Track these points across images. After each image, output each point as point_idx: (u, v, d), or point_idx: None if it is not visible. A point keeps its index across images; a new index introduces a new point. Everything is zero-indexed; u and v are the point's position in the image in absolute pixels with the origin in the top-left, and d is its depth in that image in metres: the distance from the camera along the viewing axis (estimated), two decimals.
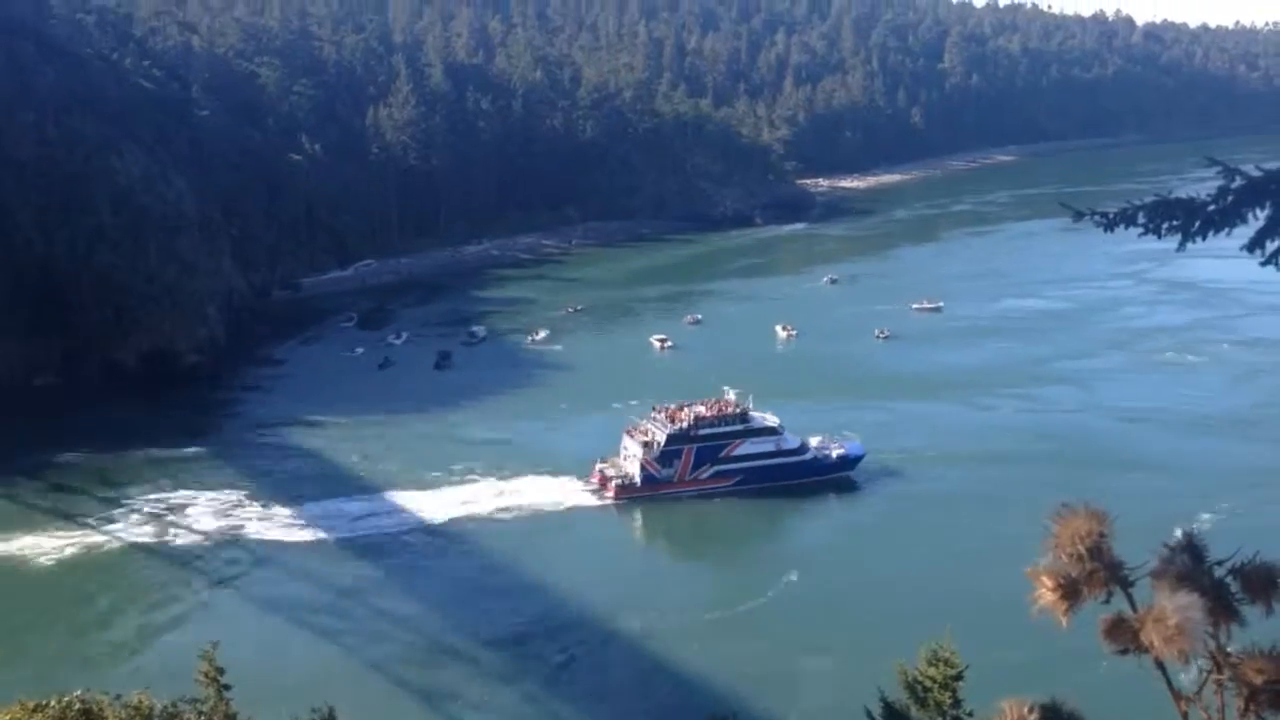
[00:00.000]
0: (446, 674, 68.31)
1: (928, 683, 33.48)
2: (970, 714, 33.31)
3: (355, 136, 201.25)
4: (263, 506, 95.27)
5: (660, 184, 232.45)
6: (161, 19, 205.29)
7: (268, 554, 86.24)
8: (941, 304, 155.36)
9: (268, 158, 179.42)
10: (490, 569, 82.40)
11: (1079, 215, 13.68)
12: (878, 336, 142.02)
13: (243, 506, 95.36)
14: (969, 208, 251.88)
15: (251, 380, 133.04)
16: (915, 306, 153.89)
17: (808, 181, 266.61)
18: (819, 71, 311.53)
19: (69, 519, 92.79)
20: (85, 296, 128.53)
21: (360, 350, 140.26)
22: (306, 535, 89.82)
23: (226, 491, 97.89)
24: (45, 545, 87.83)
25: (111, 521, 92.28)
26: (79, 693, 25.49)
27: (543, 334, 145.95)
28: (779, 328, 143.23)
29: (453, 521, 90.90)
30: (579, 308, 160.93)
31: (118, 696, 25.77)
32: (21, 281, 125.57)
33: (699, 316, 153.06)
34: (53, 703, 24.01)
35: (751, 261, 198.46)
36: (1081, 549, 5.49)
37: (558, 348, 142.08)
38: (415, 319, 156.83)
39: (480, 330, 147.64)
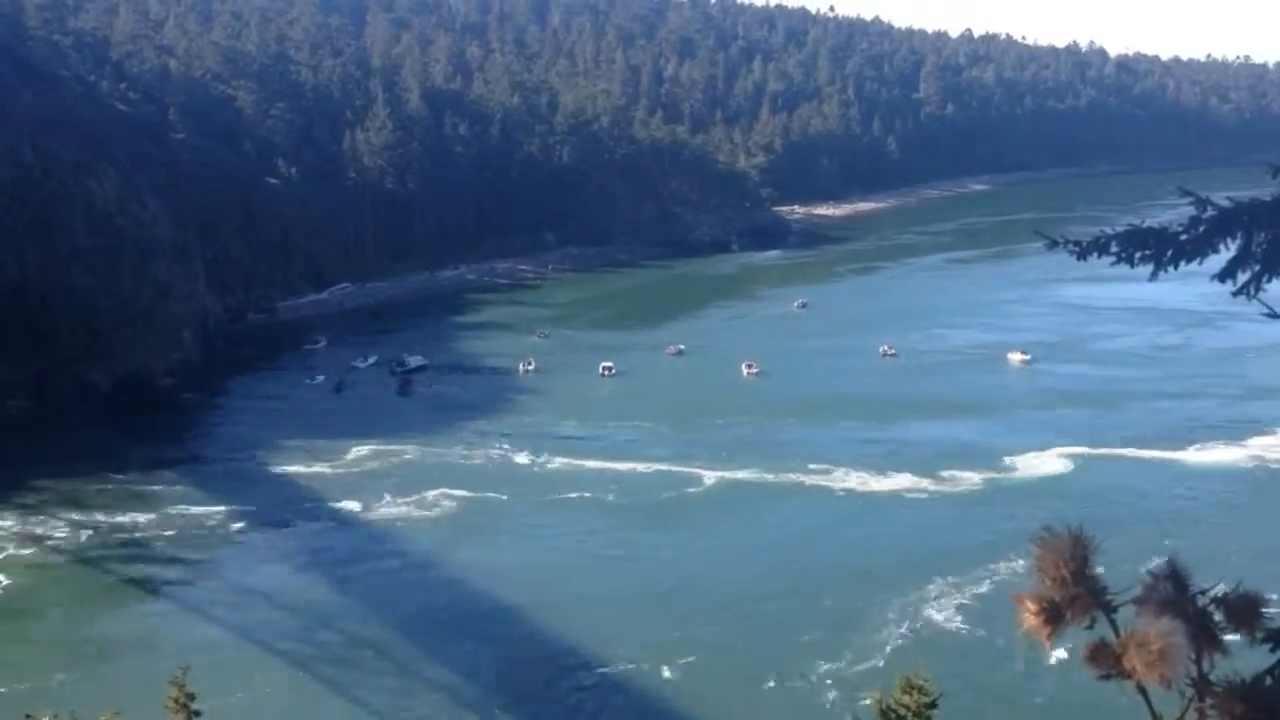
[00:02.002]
0: (419, 701, 67.80)
1: (902, 710, 33.45)
2: None
3: (332, 161, 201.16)
4: (233, 528, 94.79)
5: (637, 210, 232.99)
6: (139, 42, 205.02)
7: (238, 577, 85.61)
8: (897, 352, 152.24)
9: (244, 181, 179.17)
10: (463, 595, 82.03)
11: (1053, 244, 13.78)
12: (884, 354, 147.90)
13: (214, 529, 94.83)
14: (943, 236, 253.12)
15: (225, 403, 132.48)
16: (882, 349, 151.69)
17: (784, 209, 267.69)
18: (795, 99, 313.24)
19: (37, 541, 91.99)
20: (59, 319, 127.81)
21: (321, 377, 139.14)
22: (275, 558, 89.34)
23: (198, 514, 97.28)
24: (11, 567, 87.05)
25: (80, 544, 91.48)
26: (47, 716, 25.22)
27: (533, 363, 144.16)
28: (743, 365, 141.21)
29: (417, 543, 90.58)
30: (547, 334, 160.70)
31: None
32: (1, 306, 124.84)
33: (681, 346, 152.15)
34: None
35: (727, 288, 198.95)
36: (1065, 573, 5.49)
37: (519, 372, 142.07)
38: (384, 343, 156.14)
39: (414, 359, 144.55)
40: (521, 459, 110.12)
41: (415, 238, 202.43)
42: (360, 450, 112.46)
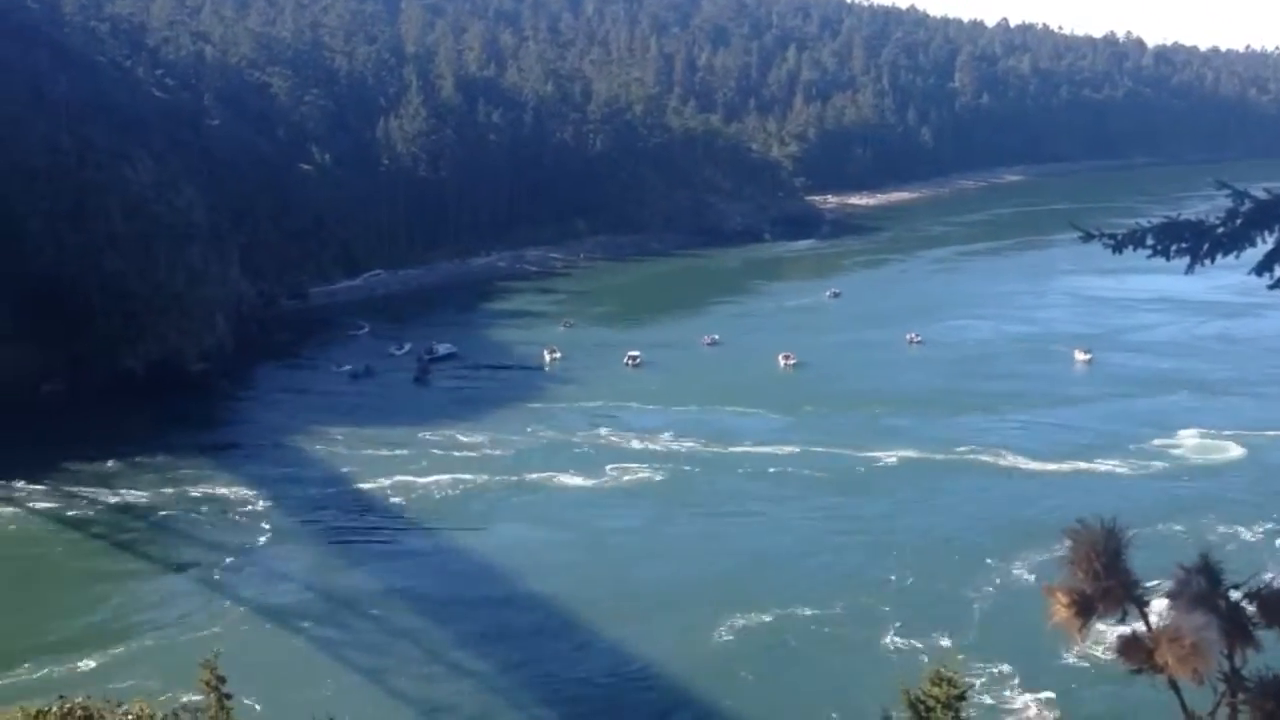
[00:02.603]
0: (446, 685, 68.10)
1: (930, 702, 33.32)
2: None
3: (365, 147, 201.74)
4: (263, 512, 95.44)
5: (669, 199, 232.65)
6: (175, 28, 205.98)
7: (268, 560, 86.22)
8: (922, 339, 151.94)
9: (278, 167, 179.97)
10: (490, 577, 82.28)
11: (1088, 236, 13.65)
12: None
13: (244, 512, 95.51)
14: (977, 227, 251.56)
15: (256, 388, 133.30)
16: (909, 337, 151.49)
17: (817, 198, 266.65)
18: (829, 88, 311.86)
19: (70, 522, 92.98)
20: (94, 304, 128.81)
21: (348, 366, 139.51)
22: (304, 541, 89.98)
23: (229, 497, 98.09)
24: (49, 550, 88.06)
25: (113, 525, 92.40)
26: (80, 699, 25.41)
27: (557, 352, 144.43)
28: (780, 356, 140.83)
29: (443, 527, 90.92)
30: (572, 323, 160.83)
31: (119, 704, 25.69)
32: (31, 288, 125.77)
33: (716, 336, 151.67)
34: (54, 709, 23.91)
35: (760, 277, 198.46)
36: (1097, 565, 5.44)
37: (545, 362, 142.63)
38: (416, 330, 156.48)
39: (443, 347, 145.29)
40: (542, 444, 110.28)
41: (447, 225, 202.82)
42: (388, 436, 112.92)
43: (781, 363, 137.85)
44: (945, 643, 67.87)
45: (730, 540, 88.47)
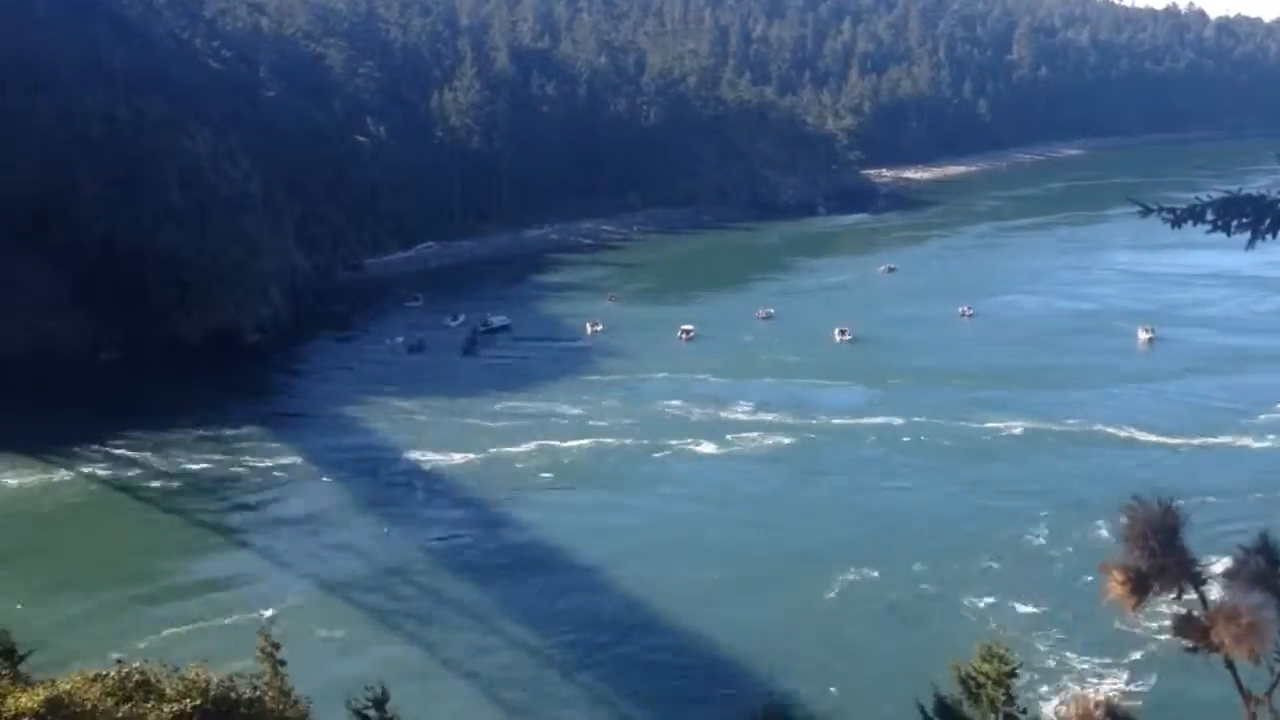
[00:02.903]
0: (496, 656, 68.52)
1: (981, 679, 33.19)
2: (1024, 711, 32.99)
3: (420, 119, 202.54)
4: (316, 481, 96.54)
5: (723, 172, 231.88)
6: (231, 0, 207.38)
7: (320, 528, 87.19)
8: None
9: (333, 139, 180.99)
10: (548, 547, 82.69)
11: (1147, 211, 13.46)
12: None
13: (297, 480, 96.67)
14: (1032, 202, 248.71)
15: (311, 360, 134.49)
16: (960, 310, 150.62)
17: (871, 172, 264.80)
18: (885, 61, 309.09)
19: (126, 489, 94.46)
20: (151, 274, 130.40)
21: (400, 338, 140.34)
22: (357, 509, 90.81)
23: (282, 466, 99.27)
24: (105, 517, 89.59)
25: (172, 496, 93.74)
26: (137, 664, 25.80)
27: (600, 324, 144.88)
28: (836, 330, 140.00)
29: (497, 494, 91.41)
30: (618, 296, 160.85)
31: (175, 669, 26.06)
32: (89, 258, 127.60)
33: (771, 310, 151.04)
34: (111, 673, 24.29)
35: (813, 251, 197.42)
36: (1154, 543, 5.34)
37: (588, 336, 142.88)
38: (468, 302, 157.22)
39: (498, 319, 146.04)
40: (603, 415, 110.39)
41: (501, 197, 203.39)
42: (443, 407, 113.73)
43: (837, 337, 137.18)
44: (1041, 609, 68.61)
45: (846, 506, 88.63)
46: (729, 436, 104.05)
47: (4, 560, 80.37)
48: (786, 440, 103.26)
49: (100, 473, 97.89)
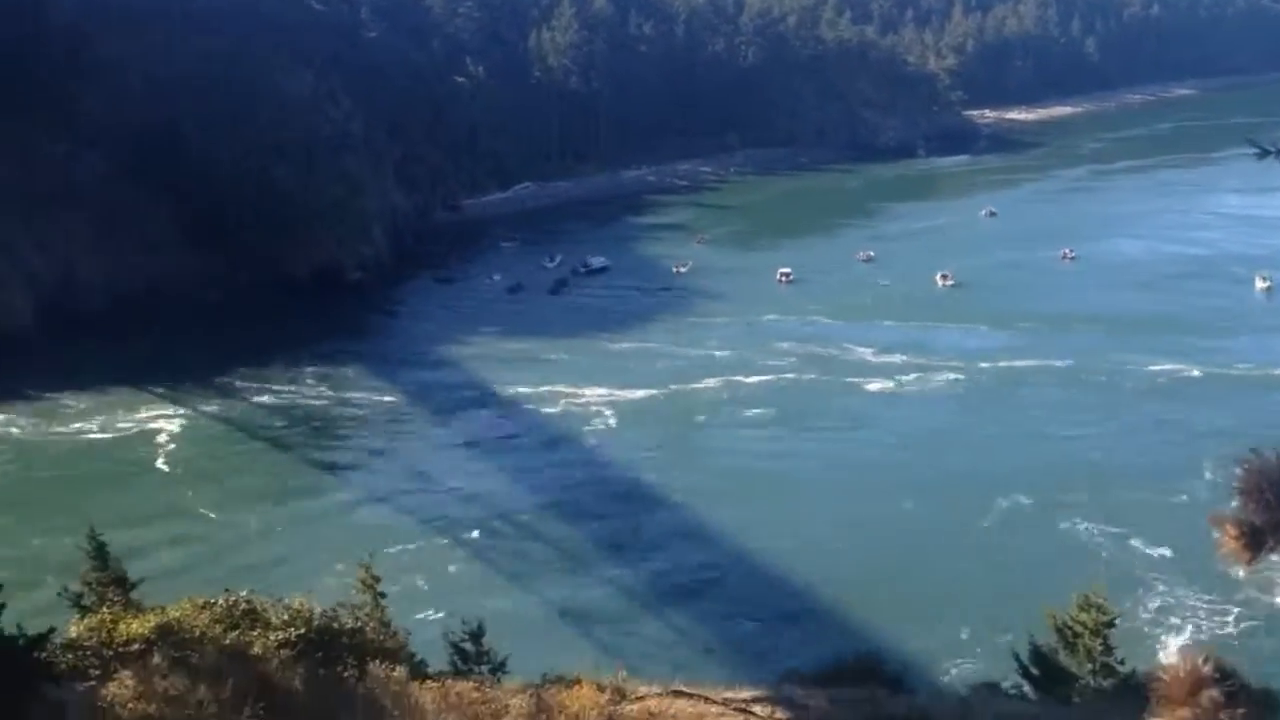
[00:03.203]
0: (593, 592, 69.30)
1: (1078, 628, 32.86)
2: (1122, 662, 32.61)
3: (518, 59, 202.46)
4: (415, 417, 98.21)
5: (822, 112, 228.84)
6: None
7: (418, 464, 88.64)
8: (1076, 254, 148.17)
9: (432, 80, 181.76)
10: (632, 483, 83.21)
11: (1264, 153, 12.97)
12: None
13: (396, 417, 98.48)
14: (1140, 144, 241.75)
15: (410, 298, 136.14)
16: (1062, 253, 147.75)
17: (974, 113, 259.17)
18: None
19: (235, 428, 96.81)
20: (255, 213, 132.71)
21: (498, 276, 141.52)
22: (454, 446, 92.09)
23: (381, 402, 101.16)
24: (209, 449, 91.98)
25: (275, 431, 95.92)
26: (244, 593, 26.51)
27: (688, 264, 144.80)
28: (938, 275, 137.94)
29: (601, 435, 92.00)
30: (708, 239, 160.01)
31: (280, 599, 26.73)
32: (196, 197, 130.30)
33: (871, 252, 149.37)
34: (219, 602, 24.98)
35: (912, 193, 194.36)
36: (1269, 496, 5.17)
37: (682, 271, 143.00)
38: (565, 243, 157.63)
39: (597, 260, 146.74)
40: (702, 356, 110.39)
41: (598, 138, 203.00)
42: (542, 347, 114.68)
43: (939, 281, 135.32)
44: (1173, 555, 68.29)
45: (1016, 447, 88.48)
46: (862, 378, 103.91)
47: (117, 492, 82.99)
48: (932, 381, 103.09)
49: (208, 409, 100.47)
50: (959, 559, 70.39)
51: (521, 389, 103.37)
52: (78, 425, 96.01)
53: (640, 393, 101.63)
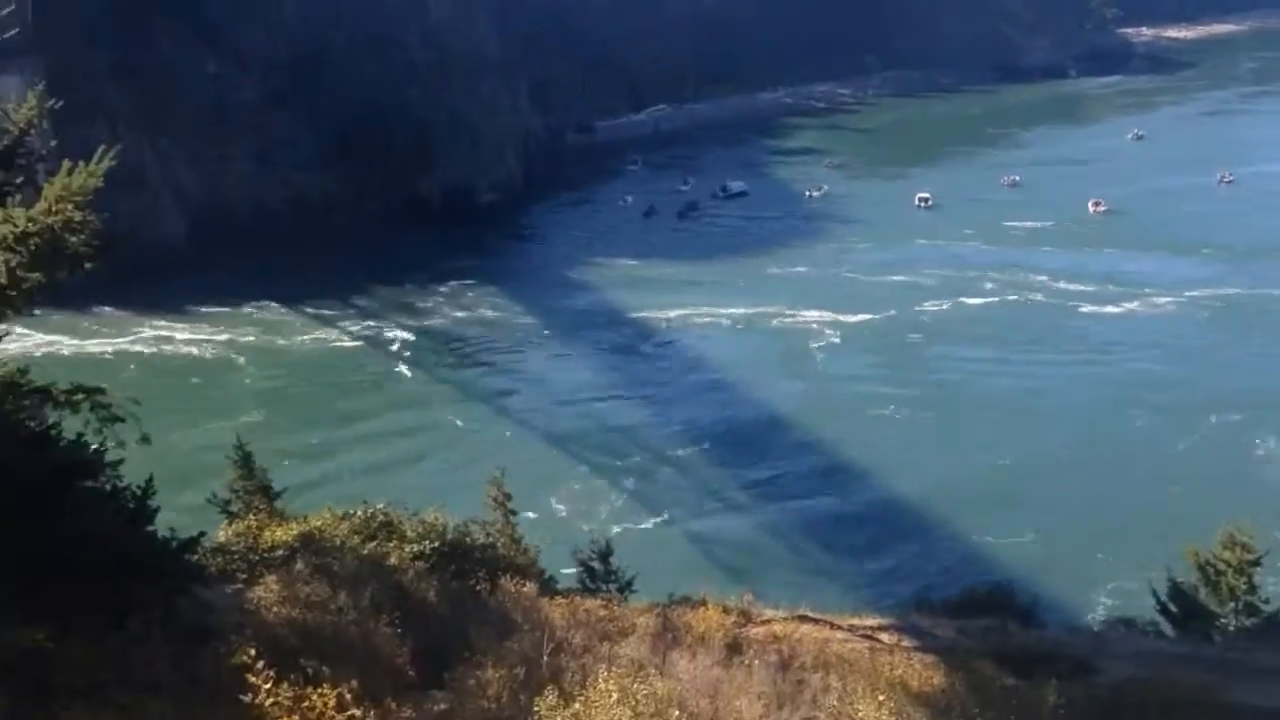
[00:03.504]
0: (722, 517, 69.57)
1: (1220, 565, 32.04)
2: (1266, 602, 31.77)
3: None
4: (545, 338, 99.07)
5: (965, 32, 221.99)
6: None
7: (548, 384, 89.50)
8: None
9: (567, 1, 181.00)
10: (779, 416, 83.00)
11: None
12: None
13: (527, 337, 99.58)
14: None
15: (541, 220, 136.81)
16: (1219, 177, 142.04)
17: (1129, 30, 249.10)
18: None
19: (372, 344, 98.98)
20: (393, 132, 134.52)
21: (630, 198, 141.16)
22: (583, 368, 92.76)
23: (512, 323, 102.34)
24: (351, 366, 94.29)
25: (411, 348, 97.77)
26: (381, 506, 27.29)
27: (823, 189, 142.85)
28: (1090, 202, 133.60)
29: (742, 359, 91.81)
30: (835, 163, 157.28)
31: (415, 513, 27.44)
32: (338, 120, 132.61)
33: (1016, 177, 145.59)
34: (358, 513, 25.79)
35: (1059, 116, 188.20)
36: None
37: (819, 194, 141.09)
38: (698, 166, 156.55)
39: (736, 184, 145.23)
40: (835, 281, 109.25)
41: (734, 59, 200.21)
42: (674, 270, 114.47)
43: (1092, 208, 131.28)
44: None
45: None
46: (1061, 301, 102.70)
47: (261, 404, 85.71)
48: (1145, 306, 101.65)
49: (348, 324, 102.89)
50: (1135, 485, 69.20)
51: (655, 312, 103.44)
52: (224, 335, 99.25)
53: (777, 317, 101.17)
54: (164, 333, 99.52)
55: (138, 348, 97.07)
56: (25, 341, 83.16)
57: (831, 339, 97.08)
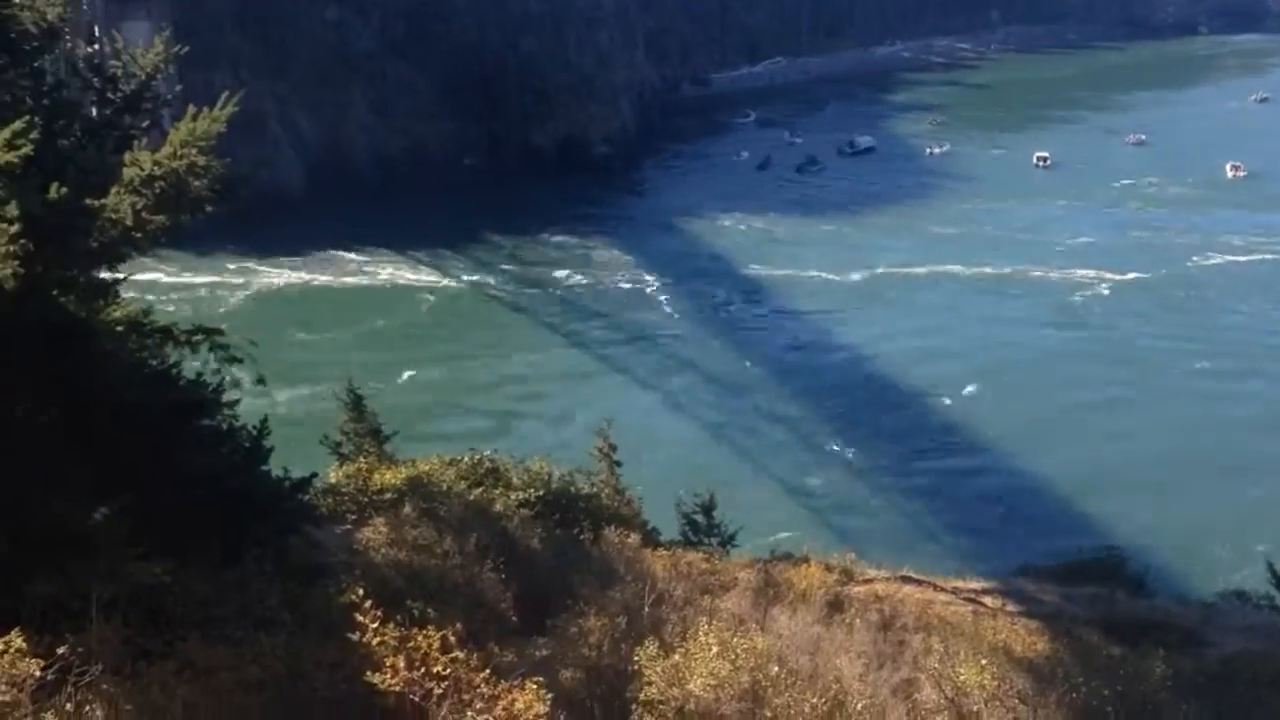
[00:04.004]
0: (828, 477, 69.22)
1: None
2: None
3: None
4: (656, 291, 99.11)
5: None
6: None
7: (662, 337, 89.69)
8: None
9: None
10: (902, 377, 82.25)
11: None
12: None
13: (638, 290, 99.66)
14: None
15: (654, 172, 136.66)
16: None
17: None
18: None
19: (485, 293, 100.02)
20: (509, 82, 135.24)
21: (746, 154, 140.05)
22: (692, 323, 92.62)
23: (628, 276, 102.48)
24: (464, 315, 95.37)
25: (522, 298, 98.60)
26: (488, 453, 27.67)
27: (944, 146, 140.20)
28: (1228, 165, 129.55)
29: (841, 318, 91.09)
30: (940, 121, 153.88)
31: (520, 461, 27.77)
32: (454, 66, 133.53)
33: (1143, 136, 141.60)
34: (465, 459, 26.18)
35: (1188, 74, 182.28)
36: None
37: (939, 152, 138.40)
38: (814, 120, 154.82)
39: (864, 140, 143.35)
40: (945, 240, 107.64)
41: (852, 12, 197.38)
42: (788, 225, 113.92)
43: (1230, 172, 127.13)
44: None
45: None
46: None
47: (376, 349, 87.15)
48: None
49: (460, 272, 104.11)
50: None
51: (769, 267, 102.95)
52: (338, 281, 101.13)
53: (890, 272, 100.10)
54: (278, 277, 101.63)
55: (253, 290, 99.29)
56: (148, 281, 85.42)
57: (962, 298, 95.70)
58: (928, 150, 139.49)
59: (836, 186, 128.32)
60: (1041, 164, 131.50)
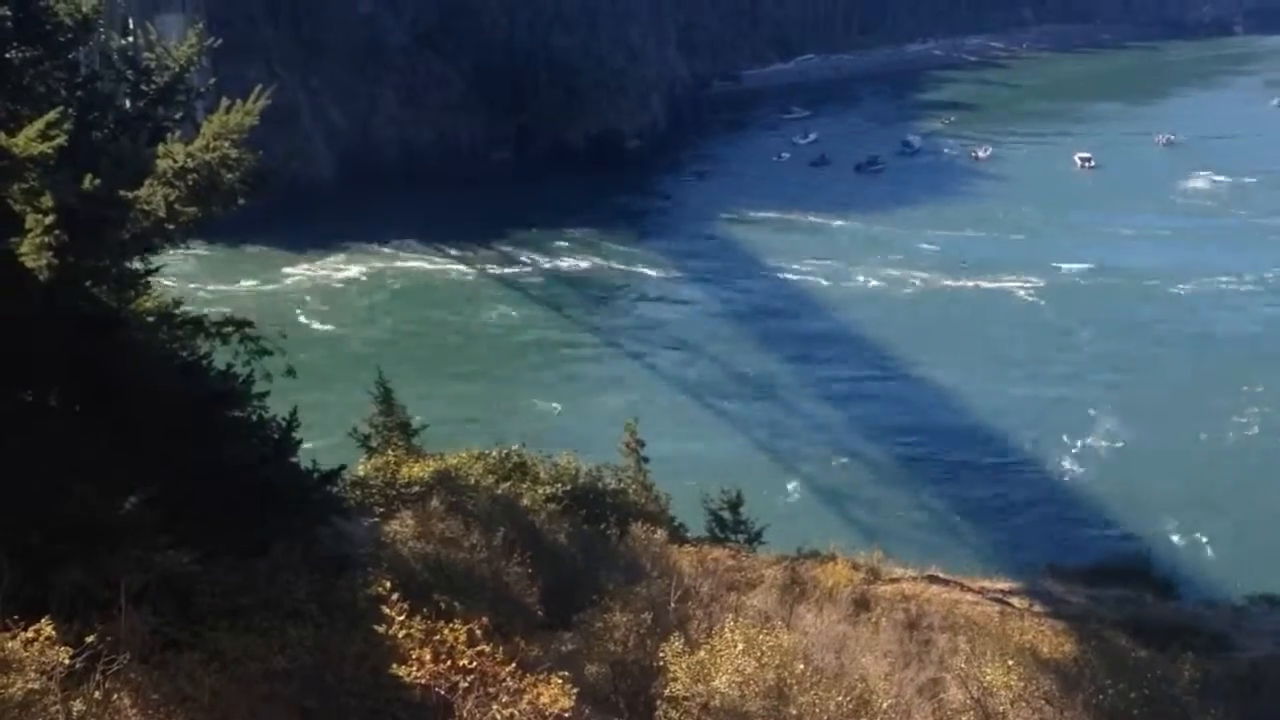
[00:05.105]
0: (848, 474, 69.03)
1: None
2: None
3: None
4: (682, 286, 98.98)
5: None
6: None
7: (682, 332, 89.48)
8: None
9: None
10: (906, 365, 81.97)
11: None
12: None
13: (664, 284, 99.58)
14: None
15: (685, 168, 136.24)
16: None
17: None
18: None
19: (511, 287, 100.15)
20: (540, 77, 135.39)
21: (786, 154, 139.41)
22: (717, 317, 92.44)
23: (657, 271, 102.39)
24: (488, 307, 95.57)
25: (550, 292, 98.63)
26: (515, 447, 27.74)
27: (988, 150, 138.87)
28: None
29: (869, 315, 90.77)
30: (952, 120, 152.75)
31: (548, 456, 27.85)
32: (487, 64, 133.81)
33: (1172, 136, 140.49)
34: (493, 454, 26.27)
35: (1219, 75, 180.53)
36: None
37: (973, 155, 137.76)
38: (846, 119, 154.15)
39: (916, 140, 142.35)
40: (993, 243, 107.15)
41: (884, 9, 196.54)
42: (817, 223, 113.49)
43: None
44: None
45: None
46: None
47: (400, 340, 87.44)
48: None
49: (487, 265, 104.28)
50: None
51: (791, 262, 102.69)
52: (368, 273, 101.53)
53: (919, 277, 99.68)
54: (309, 270, 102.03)
55: (284, 282, 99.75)
56: (180, 274, 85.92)
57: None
58: (972, 154, 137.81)
59: (895, 187, 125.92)
60: (1085, 165, 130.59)
